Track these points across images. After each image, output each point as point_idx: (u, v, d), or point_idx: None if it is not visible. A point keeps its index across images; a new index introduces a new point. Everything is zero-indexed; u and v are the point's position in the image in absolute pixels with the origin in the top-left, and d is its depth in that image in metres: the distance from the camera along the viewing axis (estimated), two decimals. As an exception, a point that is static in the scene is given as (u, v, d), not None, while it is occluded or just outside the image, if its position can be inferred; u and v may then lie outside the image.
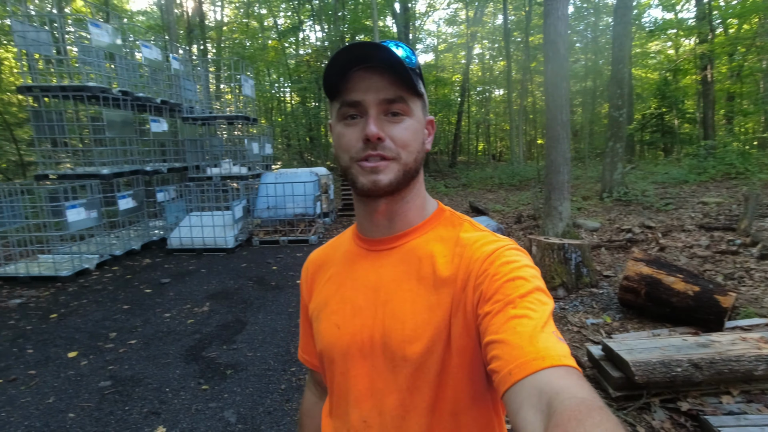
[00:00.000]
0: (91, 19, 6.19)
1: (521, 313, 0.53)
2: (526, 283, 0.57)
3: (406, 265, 0.68)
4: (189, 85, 8.26)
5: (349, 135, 0.64)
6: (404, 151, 0.65)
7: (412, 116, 0.65)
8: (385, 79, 0.62)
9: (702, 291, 3.40)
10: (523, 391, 0.47)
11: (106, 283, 5.21)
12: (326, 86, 0.65)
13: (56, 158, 7.30)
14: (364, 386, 0.67)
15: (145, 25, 21.53)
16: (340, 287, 0.73)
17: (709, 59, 14.37)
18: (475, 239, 0.66)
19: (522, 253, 0.63)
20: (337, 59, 0.62)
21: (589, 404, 0.41)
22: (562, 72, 5.54)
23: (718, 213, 7.44)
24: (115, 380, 2.94)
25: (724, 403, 2.43)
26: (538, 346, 0.50)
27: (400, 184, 0.66)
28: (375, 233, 0.72)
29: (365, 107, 0.63)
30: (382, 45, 0.61)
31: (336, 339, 0.70)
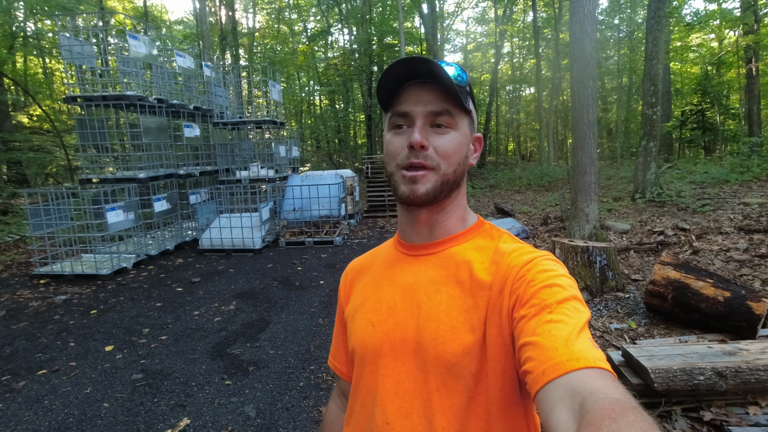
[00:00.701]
0: (129, 31, 6.53)
1: (557, 318, 0.54)
2: (562, 290, 0.58)
3: (444, 269, 0.70)
4: (220, 91, 8.58)
5: (396, 143, 0.68)
6: (444, 162, 0.67)
7: (457, 130, 0.68)
8: (434, 93, 0.66)
9: (733, 297, 3.26)
10: (557, 391, 0.47)
11: (142, 281, 5.50)
12: (380, 98, 0.69)
13: (99, 163, 7.74)
14: (391, 386, 0.67)
15: (181, 35, 22.45)
16: (378, 288, 0.75)
17: (754, 51, 13.59)
18: (513, 249, 0.67)
19: (559, 264, 0.64)
20: (390, 73, 0.66)
21: (624, 404, 0.41)
22: (588, 71, 5.41)
23: (760, 214, 7.05)
24: (146, 373, 3.13)
25: (750, 414, 2.33)
26: (572, 348, 0.50)
27: (437, 194, 0.68)
28: (416, 239, 0.74)
29: (413, 118, 0.67)
30: (433, 61, 0.64)
31: (369, 336, 0.71)
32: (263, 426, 2.48)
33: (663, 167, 14.53)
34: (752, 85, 14.30)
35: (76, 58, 6.33)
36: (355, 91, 22.58)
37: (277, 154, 8.30)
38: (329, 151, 24.02)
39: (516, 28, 24.52)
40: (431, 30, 19.37)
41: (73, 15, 7.74)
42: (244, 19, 26.04)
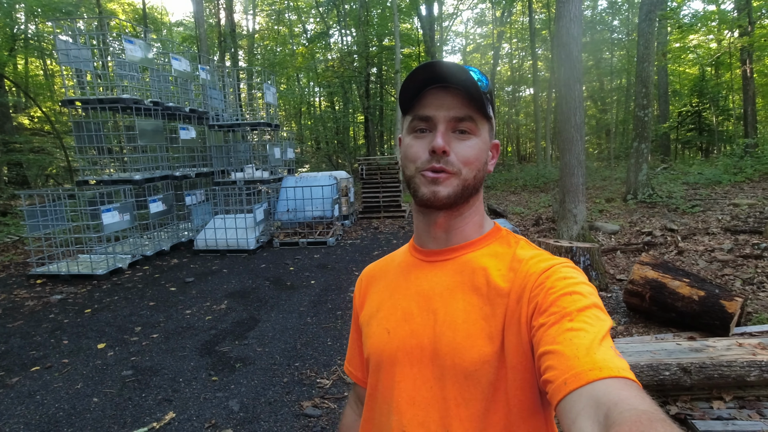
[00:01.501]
0: (125, 36, 6.64)
1: (578, 326, 0.52)
2: (583, 298, 0.56)
3: (460, 275, 0.69)
4: (215, 93, 8.69)
5: (417, 146, 0.67)
6: (466, 167, 0.66)
7: (478, 136, 0.68)
8: (457, 99, 0.65)
9: (707, 296, 3.34)
10: (580, 401, 0.45)
11: (137, 281, 5.59)
12: (401, 101, 0.69)
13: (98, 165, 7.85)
14: (408, 394, 0.66)
15: (181, 36, 22.60)
16: (393, 294, 0.74)
17: (748, 53, 13.68)
18: (531, 255, 0.66)
19: (578, 271, 0.63)
20: (415, 76, 0.65)
21: (651, 416, 0.39)
22: (575, 74, 5.51)
23: (748, 215, 7.13)
24: (136, 370, 3.22)
25: (714, 408, 2.42)
26: (595, 357, 0.48)
27: (458, 199, 0.67)
28: (431, 245, 0.73)
29: (435, 122, 0.66)
30: (459, 66, 0.64)
31: (385, 343, 0.70)
32: (245, 419, 2.57)
33: (659, 168, 14.63)
34: (747, 87, 14.37)
35: (72, 62, 6.45)
36: (353, 92, 22.69)
37: (272, 156, 8.40)
38: (329, 152, 24.13)
39: (514, 30, 24.64)
40: (429, 31, 19.47)
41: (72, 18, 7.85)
42: (244, 21, 26.18)
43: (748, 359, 2.43)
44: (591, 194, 10.55)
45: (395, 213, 10.04)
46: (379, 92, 22.27)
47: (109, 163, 7.42)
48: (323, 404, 2.73)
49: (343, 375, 3.08)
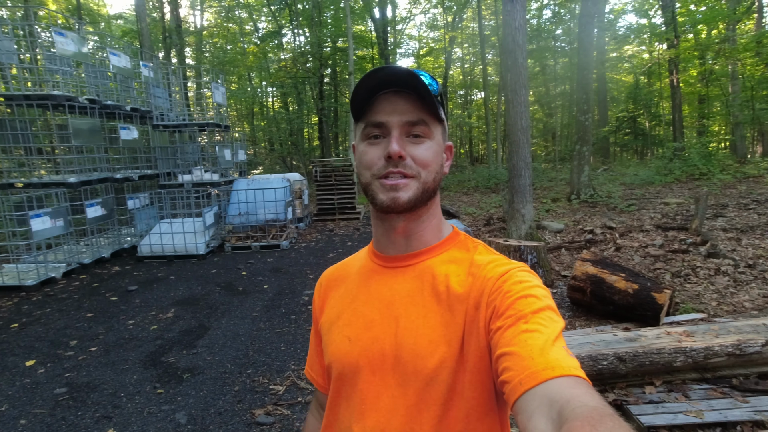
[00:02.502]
0: (56, 27, 6.17)
1: (533, 328, 0.54)
2: (537, 300, 0.58)
3: (420, 281, 0.69)
4: (160, 92, 8.27)
5: (372, 153, 0.67)
6: (424, 170, 0.66)
7: (432, 139, 0.68)
8: (409, 103, 0.65)
9: (640, 289, 3.60)
10: (534, 400, 0.47)
11: (72, 291, 5.21)
12: (353, 108, 0.68)
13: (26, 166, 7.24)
14: (370, 401, 0.67)
15: (121, 30, 21.33)
16: (354, 301, 0.74)
17: (675, 64, 14.89)
18: (489, 261, 0.67)
19: (533, 275, 0.65)
20: (364, 82, 0.64)
21: (601, 411, 0.41)
22: (521, 80, 5.75)
23: (677, 213, 7.76)
24: (71, 387, 3.00)
25: (646, 393, 2.60)
26: (548, 357, 0.50)
27: (418, 202, 0.67)
28: (391, 250, 0.73)
29: (389, 128, 0.65)
30: (408, 70, 0.63)
31: (346, 352, 0.70)
32: (193, 431, 2.46)
33: (599, 170, 15.58)
34: (675, 95, 15.63)
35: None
36: (307, 93, 22.41)
37: (222, 157, 8.12)
38: (282, 153, 23.67)
39: (465, 35, 25.34)
40: (383, 34, 19.62)
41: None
42: (191, 16, 25.16)
43: (675, 346, 2.64)
44: (538, 194, 11.06)
45: (350, 215, 10.02)
46: (334, 94, 22.14)
47: (39, 165, 6.84)
48: (276, 411, 2.67)
49: (297, 380, 3.03)
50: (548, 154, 26.08)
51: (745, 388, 2.54)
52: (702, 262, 4.99)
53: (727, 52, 13.94)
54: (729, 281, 4.45)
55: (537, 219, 7.49)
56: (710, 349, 2.60)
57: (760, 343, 2.61)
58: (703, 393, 2.53)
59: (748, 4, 15.74)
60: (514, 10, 5.55)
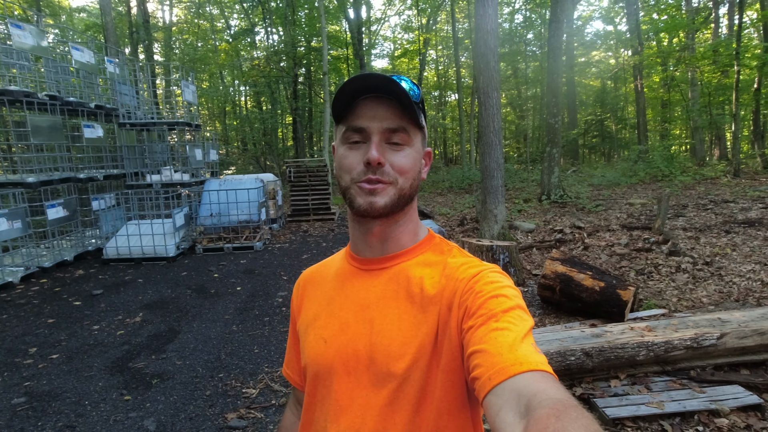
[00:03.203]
0: (11, 19, 5.88)
1: (503, 326, 0.56)
2: (508, 300, 0.60)
3: (395, 284, 0.70)
4: (125, 89, 7.99)
5: (352, 158, 0.67)
6: (402, 177, 0.68)
7: (411, 146, 0.69)
8: (390, 110, 0.66)
9: (606, 286, 3.73)
10: (503, 395, 0.48)
11: (31, 296, 4.97)
12: (335, 110, 0.69)
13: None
14: (345, 402, 0.68)
15: (84, 24, 20.51)
16: (330, 303, 0.75)
17: (639, 70, 15.51)
18: (462, 263, 0.69)
19: (505, 276, 0.66)
20: (348, 86, 0.65)
21: (565, 403, 0.43)
22: (493, 83, 5.86)
23: (641, 213, 8.08)
24: (31, 396, 2.86)
25: (612, 386, 2.70)
26: (517, 353, 0.52)
27: (395, 208, 0.68)
28: (367, 253, 0.74)
29: (369, 134, 0.66)
30: (391, 78, 0.64)
31: (322, 353, 0.71)
32: (162, 439, 2.40)
33: (569, 171, 16.05)
34: (639, 99, 16.29)
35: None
36: (281, 93, 22.13)
37: (193, 157, 7.92)
38: (256, 153, 23.29)
39: (439, 37, 25.62)
40: (357, 35, 19.60)
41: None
42: (159, 11, 24.44)
43: (638, 341, 2.75)
44: (511, 195, 11.30)
45: (325, 216, 9.96)
46: (308, 93, 21.95)
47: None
48: (249, 414, 2.63)
49: (271, 383, 2.99)
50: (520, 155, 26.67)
51: (702, 379, 2.67)
52: (664, 260, 5.22)
53: (686, 59, 14.64)
54: (688, 278, 4.67)
55: (509, 219, 7.65)
56: (670, 342, 2.72)
57: (716, 336, 2.75)
58: (663, 385, 2.65)
59: (706, 15, 16.58)
60: (486, 14, 5.66)
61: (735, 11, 14.19)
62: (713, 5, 16.64)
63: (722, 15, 17.40)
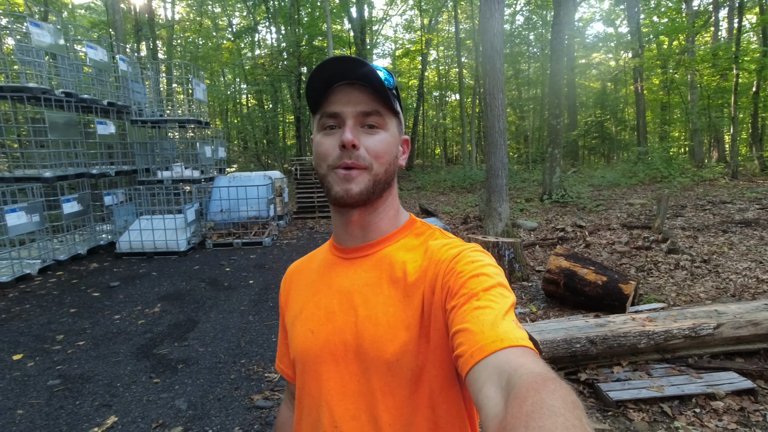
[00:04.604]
0: (31, 18, 6.02)
1: (484, 305, 0.56)
2: (489, 278, 0.60)
3: (378, 270, 0.70)
4: (137, 87, 8.14)
5: (327, 143, 0.68)
6: (376, 162, 0.68)
7: (387, 130, 0.69)
8: (364, 94, 0.66)
9: (609, 280, 3.90)
10: (485, 371, 0.49)
11: (51, 287, 5.12)
12: (309, 100, 0.69)
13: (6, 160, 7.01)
14: (336, 391, 0.68)
15: (88, 22, 20.59)
16: (316, 294, 0.75)
17: (639, 73, 15.68)
18: (443, 244, 0.69)
19: (486, 254, 0.67)
20: (318, 74, 0.66)
21: (544, 376, 0.44)
22: (498, 84, 6.02)
23: (641, 213, 8.26)
24: (65, 378, 3.02)
25: (614, 372, 2.87)
26: (498, 330, 0.52)
27: (371, 194, 0.68)
28: (349, 242, 0.75)
29: (343, 118, 0.67)
30: (362, 61, 0.64)
31: (309, 344, 0.71)
32: (195, 416, 2.56)
33: (569, 172, 16.23)
34: (639, 101, 16.47)
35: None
36: (283, 91, 22.26)
37: (203, 154, 8.07)
38: (257, 152, 23.43)
39: (441, 38, 25.76)
40: (360, 34, 19.75)
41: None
42: (161, 9, 24.51)
43: (639, 330, 2.92)
44: (512, 195, 11.46)
45: (330, 213, 10.10)
46: (311, 92, 22.04)
47: (10, 159, 6.64)
48: (273, 396, 2.79)
49: (291, 368, 3.15)
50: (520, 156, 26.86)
51: (699, 366, 2.84)
52: (663, 258, 5.39)
53: (686, 62, 14.82)
54: (686, 275, 4.85)
55: (512, 218, 7.82)
56: (669, 332, 2.89)
57: (712, 326, 2.92)
58: (663, 371, 2.82)
59: (706, 18, 16.77)
60: (493, 17, 5.82)
61: (734, 15, 14.39)
62: (713, 9, 16.83)
63: (722, 18, 17.61)
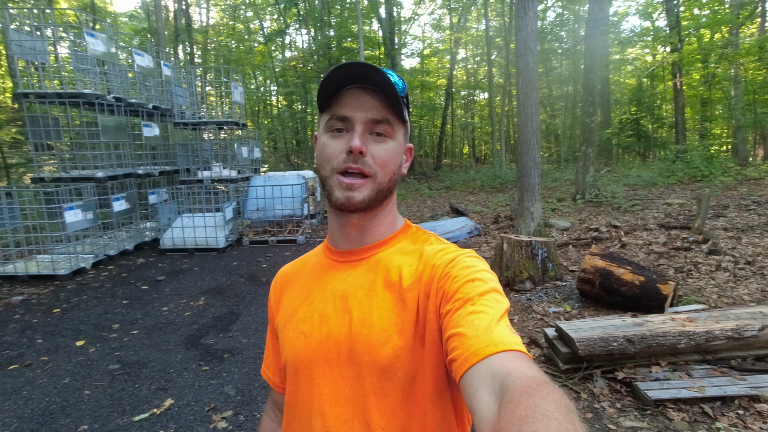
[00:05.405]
0: (86, 29, 6.43)
1: (479, 309, 0.56)
2: (483, 284, 0.61)
3: (373, 274, 0.70)
4: (180, 90, 8.54)
5: (334, 146, 0.67)
6: (381, 170, 0.68)
7: (394, 139, 0.69)
8: (376, 101, 0.66)
9: (646, 280, 3.85)
10: (479, 375, 0.49)
11: (104, 280, 5.47)
12: (320, 98, 0.69)
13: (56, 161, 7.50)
14: (328, 395, 0.67)
15: (130, 28, 21.59)
16: (308, 297, 0.74)
17: (678, 68, 15.12)
18: (438, 249, 0.69)
19: (480, 260, 0.67)
20: (334, 75, 0.65)
21: (538, 380, 0.44)
22: (531, 83, 6.00)
23: (679, 213, 8.01)
24: (123, 364, 3.26)
25: (653, 372, 2.86)
26: (492, 335, 0.53)
27: (372, 202, 0.68)
28: (345, 245, 0.74)
29: (353, 123, 0.66)
30: (379, 68, 0.64)
31: (302, 347, 0.70)
32: (243, 402, 2.72)
33: (603, 171, 15.82)
34: (678, 98, 15.86)
35: (27, 54, 6.17)
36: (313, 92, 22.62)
37: (240, 155, 8.38)
38: (287, 152, 23.92)
39: (470, 36, 25.57)
40: (389, 35, 19.87)
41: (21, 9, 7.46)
42: (196, 14, 25.40)
43: (679, 330, 2.90)
44: (543, 194, 11.30)
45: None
46: (341, 93, 22.31)
47: (67, 160, 7.12)
48: (315, 386, 2.92)
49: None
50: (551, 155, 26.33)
51: (742, 368, 2.80)
52: (703, 259, 5.24)
53: (729, 56, 14.18)
54: (729, 276, 4.71)
55: (544, 217, 7.74)
56: (711, 332, 2.85)
57: (757, 327, 2.86)
58: (704, 372, 2.79)
59: (751, 9, 15.98)
60: (527, 16, 5.80)
61: (783, 5, 13.66)
62: (760, -1, 16.03)
63: (769, 9, 16.71)
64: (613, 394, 2.77)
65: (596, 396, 2.76)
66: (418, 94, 24.47)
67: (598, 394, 2.77)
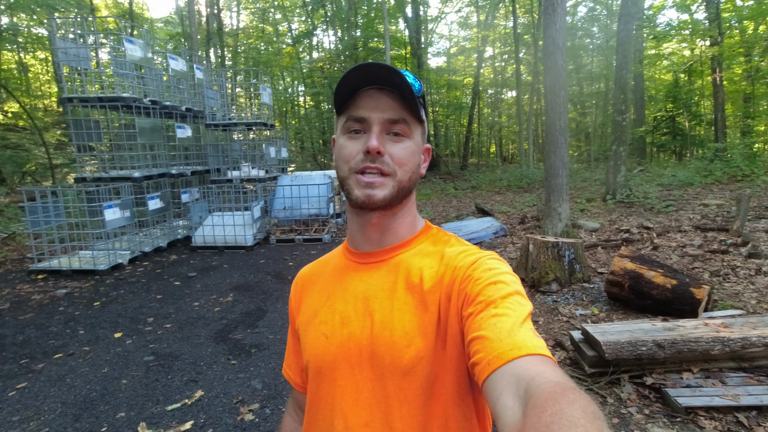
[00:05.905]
0: (127, 36, 6.74)
1: (502, 312, 0.56)
2: (506, 286, 0.60)
3: (394, 275, 0.70)
4: (211, 93, 8.83)
5: (351, 147, 0.68)
6: (401, 169, 0.68)
7: (411, 139, 0.69)
8: (392, 100, 0.67)
9: (679, 284, 3.73)
10: (503, 379, 0.49)
11: (139, 276, 5.73)
12: (336, 100, 0.69)
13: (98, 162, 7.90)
14: (350, 397, 0.67)
15: (164, 33, 22.38)
16: (330, 298, 0.74)
17: (718, 62, 14.46)
18: (460, 251, 0.69)
19: (502, 262, 0.66)
20: (350, 77, 0.66)
21: (563, 385, 0.43)
22: (560, 82, 5.89)
23: (717, 214, 7.67)
24: (157, 356, 3.42)
25: (684, 378, 2.78)
26: (515, 338, 0.52)
27: (393, 201, 0.68)
28: (365, 246, 0.74)
29: (370, 123, 0.67)
30: (394, 69, 0.64)
31: (324, 349, 0.71)
32: (269, 395, 2.81)
33: (635, 170, 15.31)
34: (717, 94, 15.18)
35: (72, 60, 6.51)
36: (340, 93, 22.80)
37: (268, 155, 8.59)
38: (314, 151, 24.25)
39: (498, 34, 25.21)
40: (415, 34, 19.84)
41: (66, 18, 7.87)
42: (227, 18, 26.08)
43: (713, 336, 2.80)
44: (572, 194, 11.04)
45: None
46: (368, 93, 22.45)
47: (107, 161, 7.48)
48: (339, 382, 2.99)
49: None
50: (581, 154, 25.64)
51: (781, 377, 2.68)
52: (742, 263, 5.02)
53: (774, 49, 13.45)
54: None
55: (572, 218, 7.57)
56: (747, 339, 2.74)
57: (798, 335, 2.73)
58: (739, 380, 2.69)
59: (799, -1, 15.07)
60: (555, 13, 5.70)
61: (835, -6, 12.84)
62: (809, -12, 15.09)
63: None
64: (641, 400, 2.70)
65: (623, 401, 2.70)
66: (445, 93, 24.33)
67: (625, 399, 2.72)
